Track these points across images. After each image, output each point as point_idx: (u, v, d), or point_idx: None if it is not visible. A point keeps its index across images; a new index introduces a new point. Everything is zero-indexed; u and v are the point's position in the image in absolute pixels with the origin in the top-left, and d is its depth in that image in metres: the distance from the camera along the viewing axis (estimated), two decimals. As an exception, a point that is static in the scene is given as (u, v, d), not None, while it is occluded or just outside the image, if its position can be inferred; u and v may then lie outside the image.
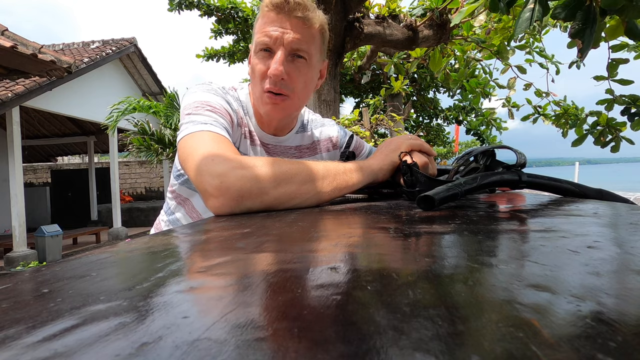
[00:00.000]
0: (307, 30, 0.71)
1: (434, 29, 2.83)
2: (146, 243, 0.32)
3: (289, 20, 0.70)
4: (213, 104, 0.71)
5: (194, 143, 0.62)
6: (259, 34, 0.71)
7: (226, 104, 0.74)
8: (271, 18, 0.70)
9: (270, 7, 0.69)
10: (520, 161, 0.57)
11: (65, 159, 12.37)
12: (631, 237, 0.27)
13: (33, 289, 0.20)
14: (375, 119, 3.46)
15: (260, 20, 0.73)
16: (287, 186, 0.56)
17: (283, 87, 0.73)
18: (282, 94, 0.73)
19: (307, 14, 0.71)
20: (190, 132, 0.65)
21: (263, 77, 0.73)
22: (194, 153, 0.61)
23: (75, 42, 8.14)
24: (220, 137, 0.64)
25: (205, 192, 0.57)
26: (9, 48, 3.24)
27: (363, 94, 7.54)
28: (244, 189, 0.54)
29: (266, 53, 0.72)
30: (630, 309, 0.13)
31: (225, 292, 0.18)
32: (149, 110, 5.83)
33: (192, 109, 0.69)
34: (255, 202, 0.55)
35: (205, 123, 0.66)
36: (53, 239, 5.58)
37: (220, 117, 0.69)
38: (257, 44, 0.72)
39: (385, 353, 0.10)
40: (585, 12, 0.82)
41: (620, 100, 1.96)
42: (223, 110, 0.71)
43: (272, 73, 0.70)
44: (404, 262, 0.22)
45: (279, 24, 0.70)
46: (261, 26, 0.72)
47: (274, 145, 0.86)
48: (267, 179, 0.56)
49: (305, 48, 0.72)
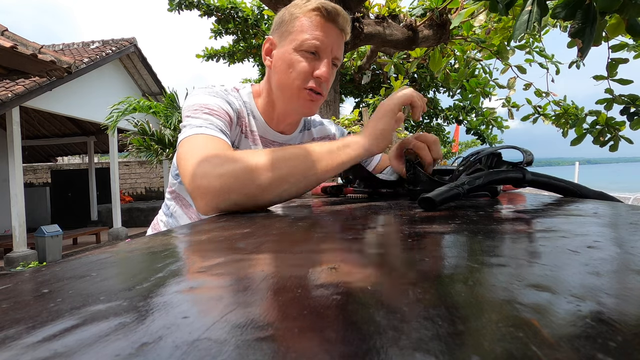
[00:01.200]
0: (342, 41, 0.79)
1: (434, 29, 2.83)
2: (146, 243, 0.32)
3: (335, 29, 0.76)
4: (211, 106, 0.72)
5: (187, 147, 0.64)
6: (307, 35, 0.74)
7: (226, 104, 0.75)
8: (319, 23, 0.74)
9: (322, 12, 0.74)
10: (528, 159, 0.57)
11: (65, 159, 12.37)
12: (631, 237, 0.27)
13: (33, 289, 0.20)
14: (375, 119, 3.45)
15: (305, 20, 0.75)
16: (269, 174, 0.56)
17: (322, 87, 0.78)
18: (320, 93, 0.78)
19: (345, 26, 0.77)
20: (185, 137, 0.66)
21: (306, 76, 0.76)
22: (185, 157, 0.62)
23: (75, 43, 8.14)
24: (212, 138, 0.65)
25: (192, 194, 0.58)
26: (8, 48, 3.24)
27: (363, 94, 7.54)
28: (224, 185, 0.55)
29: (312, 55, 0.75)
30: (630, 309, 0.13)
31: (225, 292, 0.18)
32: (148, 110, 5.82)
33: (190, 112, 0.71)
34: (240, 195, 0.55)
35: (200, 126, 0.67)
36: (53, 239, 5.58)
37: (217, 118, 0.70)
38: (303, 44, 0.74)
39: (385, 353, 0.10)
40: (585, 11, 0.82)
41: (619, 99, 1.96)
42: (221, 111, 0.72)
43: (324, 76, 0.75)
44: (404, 262, 0.22)
45: (328, 31, 0.75)
46: (309, 27, 0.75)
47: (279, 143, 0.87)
48: (246, 171, 0.55)
49: (340, 57, 0.79)
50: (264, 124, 0.84)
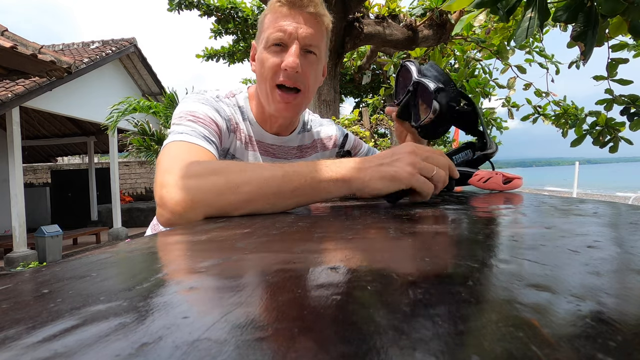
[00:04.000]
0: (317, 26, 0.72)
1: (434, 29, 2.83)
2: (146, 243, 0.32)
3: (302, 15, 0.70)
4: (197, 114, 0.70)
5: (164, 154, 0.62)
6: (271, 29, 0.71)
7: (214, 112, 0.73)
8: (283, 13, 0.70)
9: (283, 2, 0.70)
10: (489, 150, 0.59)
11: (65, 159, 12.37)
12: (631, 237, 0.27)
13: (33, 289, 0.20)
14: (375, 119, 3.46)
15: (270, 16, 0.73)
16: (232, 197, 0.51)
17: (298, 81, 0.72)
18: (297, 87, 0.73)
19: (318, 9, 0.71)
20: (166, 144, 0.64)
21: (275, 71, 0.72)
22: (160, 164, 0.60)
23: (75, 43, 8.14)
24: (190, 146, 0.62)
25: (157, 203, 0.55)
26: (8, 48, 3.24)
27: (363, 94, 7.54)
28: (186, 199, 0.51)
29: (278, 47, 0.71)
30: (630, 308, 0.13)
31: (226, 292, 0.18)
32: (148, 110, 5.82)
33: (176, 119, 0.70)
34: (199, 213, 0.51)
35: (181, 133, 0.65)
36: (53, 239, 5.58)
37: (201, 126, 0.68)
38: (268, 39, 0.72)
39: (385, 353, 0.10)
40: (586, 14, 0.82)
41: (619, 100, 1.96)
42: (207, 119, 0.70)
43: (289, 65, 0.69)
44: (404, 262, 0.22)
45: (292, 19, 0.70)
46: (272, 21, 0.71)
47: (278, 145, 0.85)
48: (210, 189, 0.51)
49: (317, 43, 0.72)
50: (259, 128, 0.82)
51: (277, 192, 0.51)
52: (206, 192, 0.51)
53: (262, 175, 0.52)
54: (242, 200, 0.51)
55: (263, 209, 0.52)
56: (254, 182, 0.51)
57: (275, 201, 0.52)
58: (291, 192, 0.52)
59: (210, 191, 0.51)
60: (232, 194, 0.51)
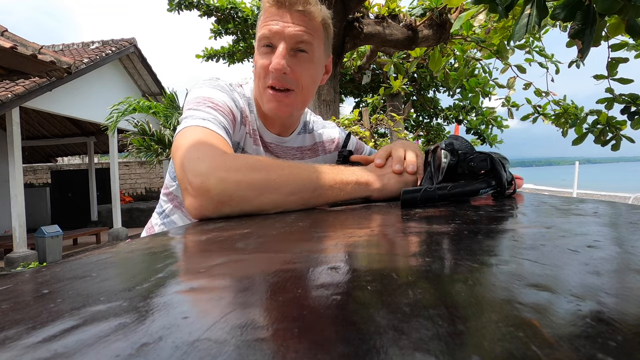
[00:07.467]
0: (309, 24, 0.70)
1: (434, 29, 2.83)
2: (146, 244, 0.32)
3: (290, 13, 0.68)
4: (216, 101, 0.68)
5: (186, 137, 0.60)
6: (260, 29, 0.70)
7: (231, 102, 0.71)
8: (272, 13, 0.69)
9: (272, 1, 0.68)
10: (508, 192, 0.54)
11: (65, 160, 12.37)
12: (631, 237, 0.27)
13: (33, 289, 0.20)
14: (375, 118, 3.46)
15: (261, 17, 0.72)
16: (272, 196, 0.52)
17: (287, 82, 0.71)
18: (288, 88, 0.71)
19: (308, 7, 0.69)
20: (185, 126, 0.62)
21: (266, 73, 0.70)
22: (183, 147, 0.58)
23: (75, 43, 8.13)
24: (214, 135, 0.61)
25: (185, 190, 0.54)
26: (8, 49, 3.24)
27: (363, 93, 7.54)
28: (224, 193, 0.51)
29: (268, 48, 0.70)
30: (630, 308, 0.13)
31: (225, 292, 0.18)
32: (148, 110, 5.82)
33: (194, 103, 0.67)
34: (235, 209, 0.52)
35: (203, 119, 0.63)
36: (53, 239, 5.58)
37: (221, 115, 0.66)
38: (258, 40, 0.71)
39: (385, 353, 0.10)
40: (584, 12, 0.82)
41: (620, 99, 1.96)
42: (226, 109, 0.69)
43: (274, 67, 0.68)
44: (404, 262, 0.22)
45: (279, 18, 0.68)
46: (262, 22, 0.70)
47: (276, 145, 0.84)
48: (251, 186, 0.52)
49: (307, 41, 0.70)
50: (261, 124, 0.81)
51: (313, 191, 0.55)
52: (246, 189, 0.52)
53: (300, 175, 0.55)
54: (281, 199, 0.53)
55: (296, 207, 0.55)
56: (291, 182, 0.54)
57: (309, 200, 0.55)
58: (323, 192, 0.56)
59: (251, 188, 0.52)
60: (272, 193, 0.52)
